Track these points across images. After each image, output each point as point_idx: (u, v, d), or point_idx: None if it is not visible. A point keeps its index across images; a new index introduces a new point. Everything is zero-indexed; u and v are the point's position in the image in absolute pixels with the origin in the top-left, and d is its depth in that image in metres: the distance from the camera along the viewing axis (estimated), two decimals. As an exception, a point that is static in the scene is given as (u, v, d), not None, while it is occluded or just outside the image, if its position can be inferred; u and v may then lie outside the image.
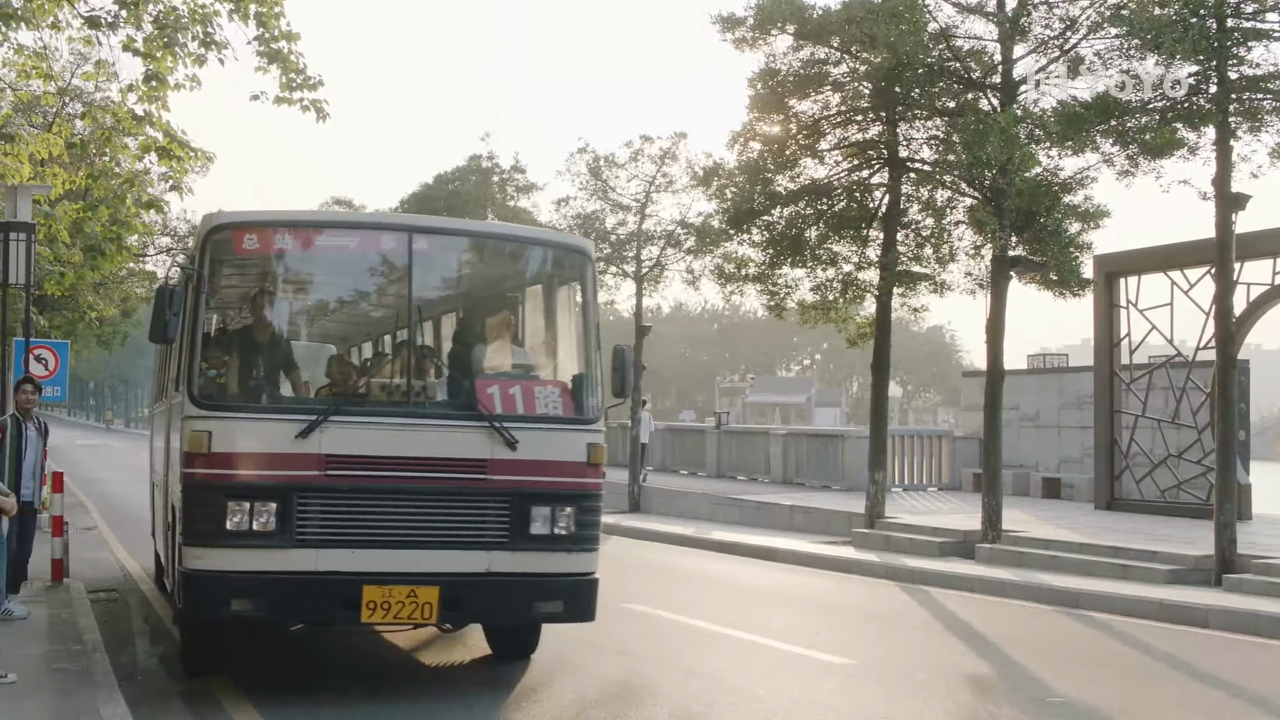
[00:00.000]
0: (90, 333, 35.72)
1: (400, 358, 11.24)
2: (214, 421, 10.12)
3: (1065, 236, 21.35)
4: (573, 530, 10.71)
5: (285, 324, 11.72)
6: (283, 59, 17.03)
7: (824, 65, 23.39)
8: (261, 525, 9.97)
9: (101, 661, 10.97)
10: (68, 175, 20.53)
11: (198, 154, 18.78)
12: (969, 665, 12.74)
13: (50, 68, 19.44)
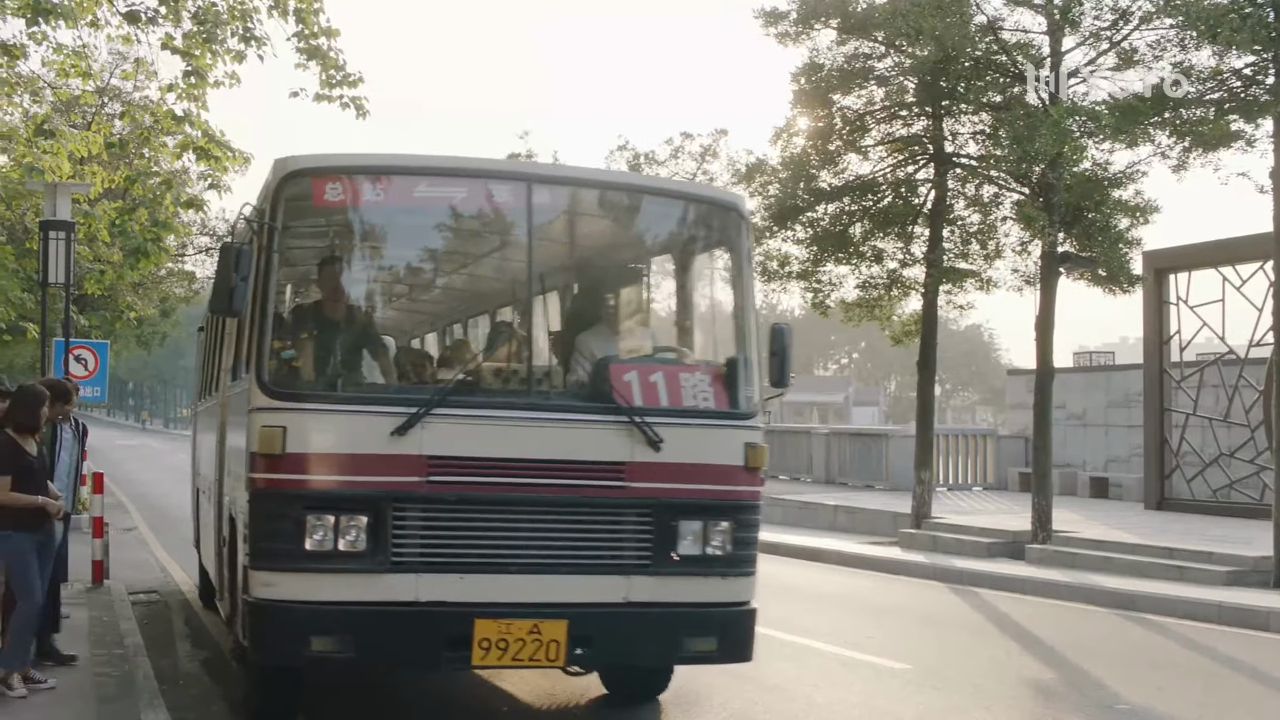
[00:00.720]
0: (129, 333, 35.63)
1: (517, 337, 9.51)
2: (290, 415, 8.30)
3: (1114, 232, 20.97)
4: (728, 550, 8.88)
5: (375, 294, 10.09)
6: (322, 55, 16.87)
7: (868, 60, 23.16)
8: (349, 544, 8.20)
9: (143, 665, 10.79)
10: (107, 174, 20.42)
11: (236, 154, 18.66)
12: (1030, 670, 12.43)
13: (89, 66, 19.32)
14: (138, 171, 19.97)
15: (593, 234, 10.16)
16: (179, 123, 17.09)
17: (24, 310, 24.09)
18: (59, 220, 16.54)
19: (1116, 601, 16.49)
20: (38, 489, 9.82)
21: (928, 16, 20.19)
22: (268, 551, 8.31)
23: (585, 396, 8.98)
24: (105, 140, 19.30)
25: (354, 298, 9.53)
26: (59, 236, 16.46)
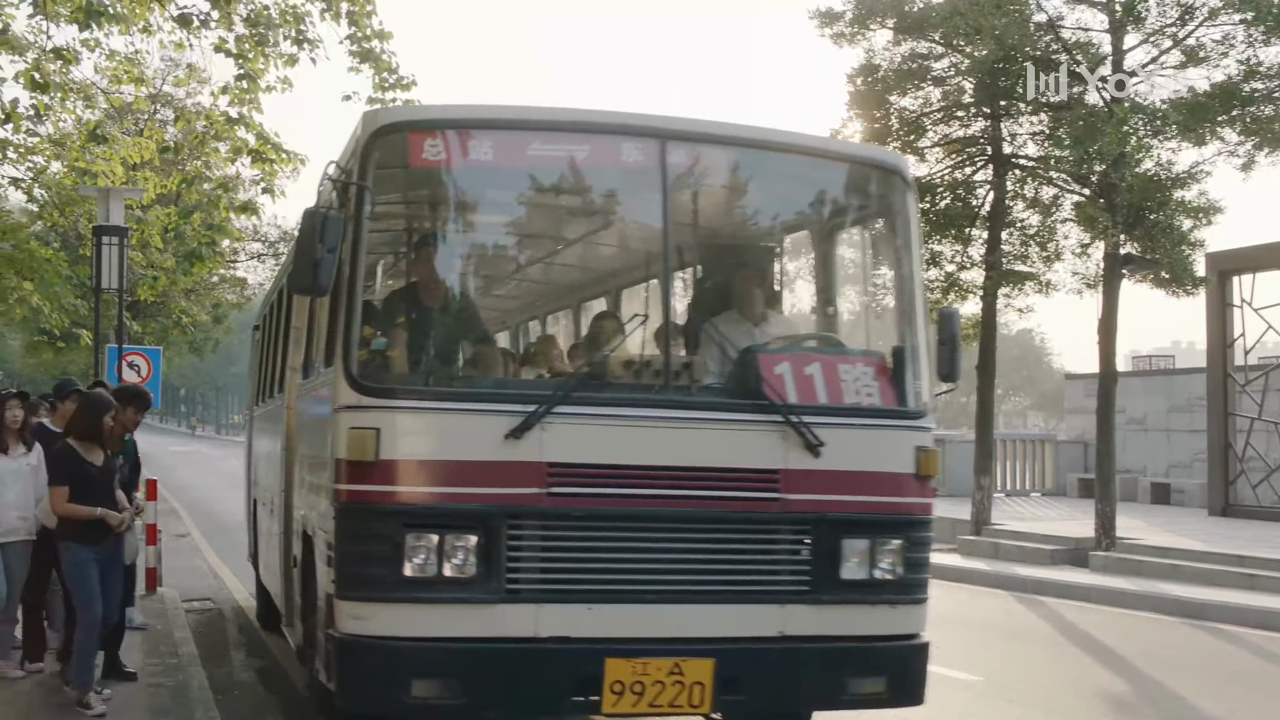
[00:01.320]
0: (182, 339, 35.77)
1: (650, 322, 8.05)
2: (384, 415, 7.00)
3: (1177, 233, 20.54)
4: (898, 573, 7.60)
5: (481, 272, 8.90)
6: (375, 58, 16.77)
7: (925, 60, 22.84)
8: (456, 569, 6.92)
9: (198, 676, 10.60)
10: (159, 179, 20.41)
11: (290, 156, 18.56)
12: (1103, 682, 12.08)
13: (142, 73, 19.30)
14: (191, 175, 19.93)
15: (736, 201, 8.76)
16: (232, 125, 17.01)
17: (77, 317, 24.14)
18: (112, 225, 16.46)
19: (1186, 610, 16.08)
20: (100, 500, 9.26)
21: (987, 15, 19.87)
22: (359, 578, 7.03)
23: (731, 392, 7.62)
24: (158, 145, 19.27)
25: (456, 276, 8.31)
26: (112, 242, 16.37)
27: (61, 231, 24.78)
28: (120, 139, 17.49)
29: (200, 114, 19.90)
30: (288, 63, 17.39)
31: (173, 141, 19.95)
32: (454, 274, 8.24)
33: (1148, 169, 20.37)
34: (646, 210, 7.94)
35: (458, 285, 8.32)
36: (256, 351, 15.45)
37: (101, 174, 17.08)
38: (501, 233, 8.66)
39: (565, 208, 8.61)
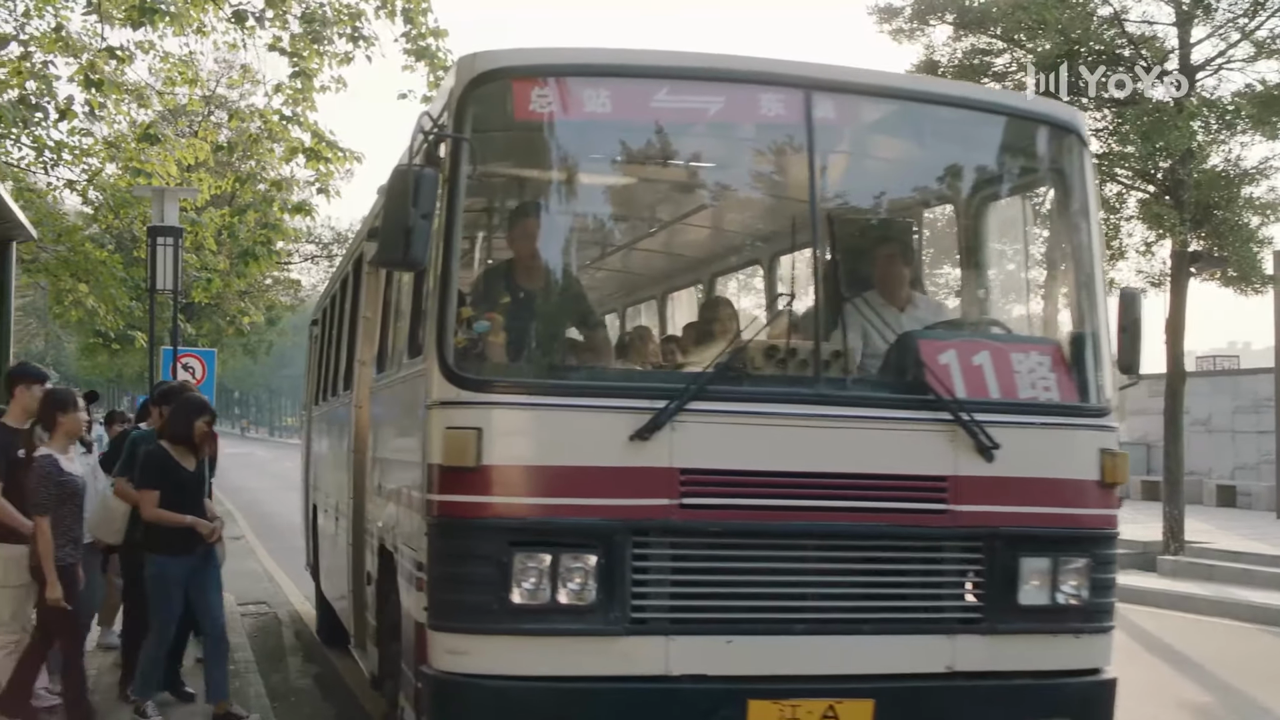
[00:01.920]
0: (236, 341, 35.79)
1: (794, 305, 6.79)
2: (487, 411, 5.96)
3: (1245, 230, 20.10)
4: (1084, 596, 6.51)
5: (596, 244, 7.82)
6: (430, 56, 16.63)
7: (985, 55, 22.45)
8: (573, 595, 5.89)
9: (254, 683, 10.40)
10: (214, 180, 20.34)
11: (346, 154, 18.44)
12: (1186, 692, 11.77)
13: (196, 73, 19.26)
14: (245, 175, 19.84)
15: (891, 161, 7.62)
16: (287, 123, 16.91)
17: (132, 319, 24.13)
18: (167, 226, 16.33)
19: (1263, 617, 15.65)
20: (190, 507, 8.83)
21: (1050, 8, 19.49)
22: (457, 606, 5.97)
23: (891, 386, 6.57)
24: (213, 145, 19.21)
25: (569, 249, 7.14)
26: (167, 243, 16.24)
27: (116, 234, 24.77)
28: (174, 140, 17.37)
29: (254, 114, 19.85)
30: (342, 61, 17.31)
31: (227, 141, 19.86)
32: (566, 247, 7.08)
33: (1215, 165, 19.95)
34: (791, 172, 6.85)
35: (571, 260, 7.17)
36: (315, 348, 14.80)
37: (156, 175, 16.99)
38: (620, 198, 7.55)
39: (694, 169, 7.49)
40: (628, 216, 7.86)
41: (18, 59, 15.25)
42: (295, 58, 16.90)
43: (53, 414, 8.34)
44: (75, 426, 8.48)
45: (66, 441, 8.37)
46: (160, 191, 16.60)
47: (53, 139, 18.71)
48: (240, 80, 20.45)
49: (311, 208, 19.80)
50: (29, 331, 55.98)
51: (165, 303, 20.37)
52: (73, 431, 8.46)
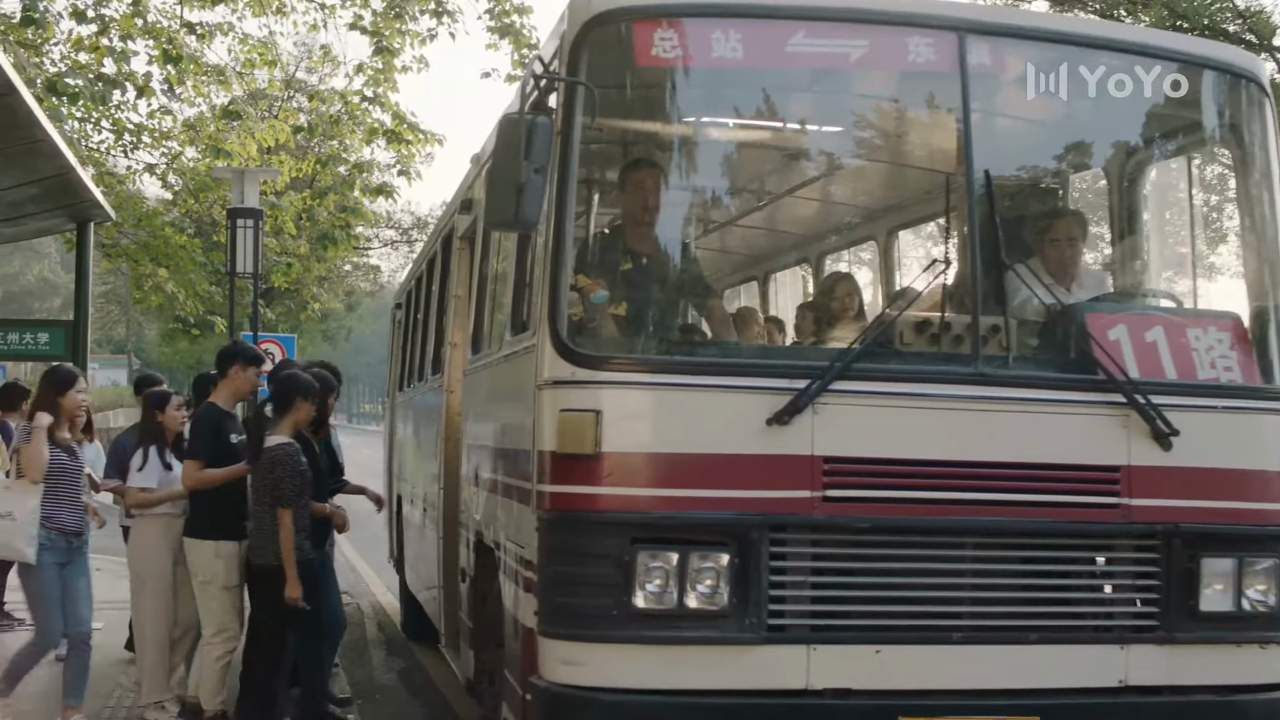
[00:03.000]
0: (314, 328, 35.58)
1: (948, 274, 5.89)
2: (608, 392, 5.36)
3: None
4: (1273, 603, 5.81)
5: (725, 206, 7.04)
6: (514, 33, 16.23)
7: (1085, 33, 21.66)
8: (703, 599, 5.26)
9: (340, 679, 9.94)
10: (294, 163, 19.99)
11: (427, 136, 18.04)
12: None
13: (275, 55, 18.94)
14: (325, 157, 19.49)
15: (1052, 113, 6.59)
16: (368, 104, 16.57)
17: (212, 304, 23.86)
18: (247, 208, 15.91)
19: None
20: (320, 496, 8.39)
21: (1158, -21, 18.73)
22: (572, 611, 5.35)
23: (1055, 364, 5.88)
24: (293, 126, 18.86)
25: (692, 211, 6.48)
26: (247, 225, 15.81)
27: (196, 218, 24.52)
28: (252, 115, 17.02)
29: (335, 96, 19.49)
30: (423, 41, 16.94)
31: (307, 123, 19.49)
32: (691, 209, 6.45)
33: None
34: (941, 126, 6.16)
35: (695, 225, 6.58)
36: (398, 333, 14.19)
37: (236, 154, 16.63)
38: (750, 156, 6.74)
39: (833, 123, 6.67)
40: (758, 177, 7.02)
41: (95, 34, 14.89)
42: (376, 35, 16.56)
43: (291, 400, 7.77)
44: (306, 416, 7.96)
45: (293, 429, 7.82)
46: (240, 173, 16.20)
47: (132, 122, 18.46)
48: (320, 62, 20.00)
49: (392, 189, 19.39)
50: (111, 318, 56.37)
51: (245, 287, 20.03)
52: (301, 421, 7.91)
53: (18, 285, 72.15)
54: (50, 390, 7.86)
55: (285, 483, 7.49)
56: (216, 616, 7.90)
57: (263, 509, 7.57)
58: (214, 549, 7.81)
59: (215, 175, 17.68)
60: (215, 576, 7.83)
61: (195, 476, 7.79)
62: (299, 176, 20.91)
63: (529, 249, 6.02)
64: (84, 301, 12.41)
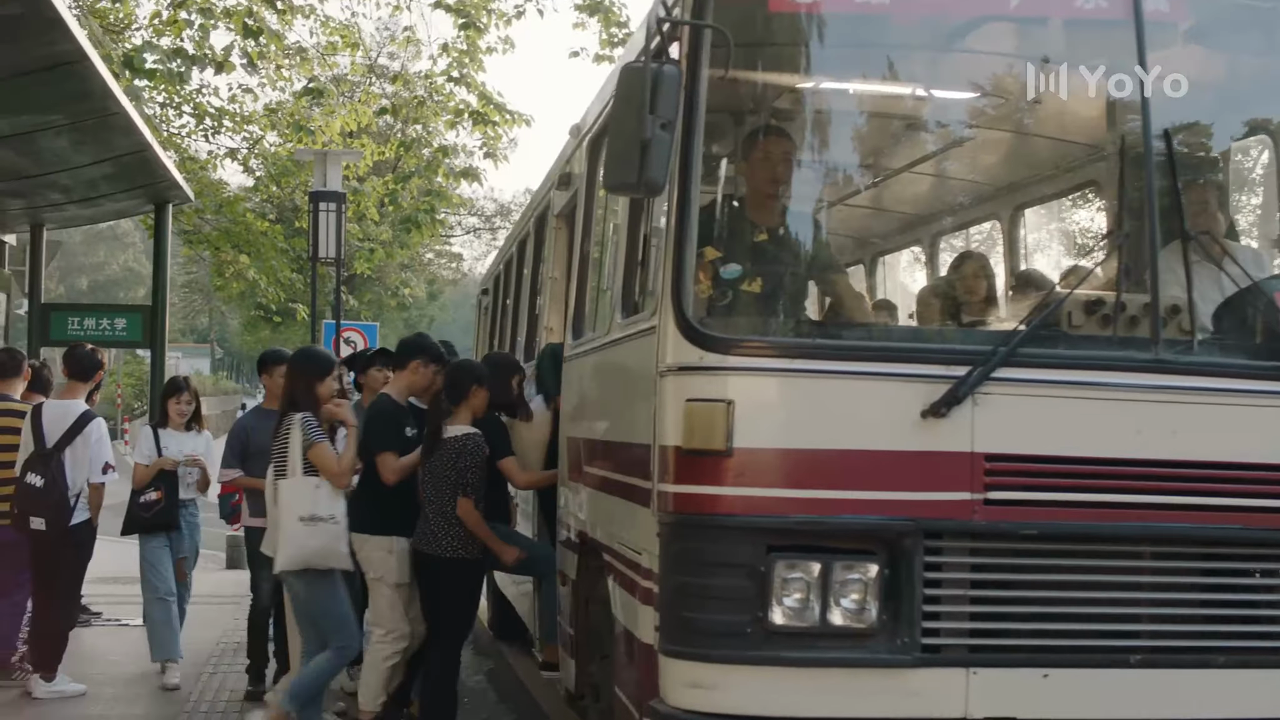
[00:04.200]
0: (398, 316, 35.30)
1: (1121, 250, 5.12)
2: (743, 380, 4.71)
3: None
4: None
5: (867, 170, 6.02)
6: (604, 10, 15.80)
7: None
8: (850, 614, 4.64)
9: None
10: (377, 147, 19.60)
11: (514, 117, 17.54)
12: None
13: (358, 37, 18.56)
14: (409, 140, 19.06)
15: (1234, 69, 5.83)
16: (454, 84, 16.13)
17: (293, 292, 23.55)
18: (329, 191, 15.47)
19: None
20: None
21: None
22: (700, 627, 4.69)
23: (1246, 350, 5.20)
24: (377, 108, 18.46)
25: (830, 177, 5.67)
26: (329, 208, 15.37)
27: (277, 204, 24.23)
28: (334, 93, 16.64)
29: (419, 78, 19.06)
30: (509, 21, 16.51)
31: (390, 103, 19.06)
32: (828, 175, 5.67)
33: None
34: (1113, 82, 5.34)
35: (832, 192, 5.75)
36: (484, 320, 13.62)
37: (319, 132, 16.22)
38: (897, 116, 5.89)
39: (988, 72, 5.85)
40: (901, 142, 6.14)
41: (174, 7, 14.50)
42: (461, 14, 16.12)
43: (466, 388, 7.29)
44: (482, 403, 7.43)
45: (471, 417, 7.33)
46: (323, 155, 15.77)
47: (213, 106, 18.13)
48: (404, 45, 19.58)
49: (478, 173, 18.90)
50: (194, 308, 56.66)
51: (326, 274, 19.67)
52: (478, 408, 7.39)
53: (103, 275, 72.82)
54: (308, 379, 7.32)
55: (470, 472, 7.07)
56: (386, 615, 7.43)
57: (441, 499, 7.12)
58: (387, 545, 7.35)
59: (297, 157, 17.31)
60: (387, 573, 7.37)
61: (396, 467, 7.30)
62: (382, 160, 20.52)
63: (642, 220, 5.46)
64: (162, 285, 11.99)
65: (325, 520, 7.04)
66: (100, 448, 8.66)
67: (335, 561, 7.14)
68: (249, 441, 8.55)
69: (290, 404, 7.23)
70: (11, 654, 8.95)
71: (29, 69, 7.36)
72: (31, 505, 8.43)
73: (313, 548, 7.05)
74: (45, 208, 11.27)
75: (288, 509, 7.06)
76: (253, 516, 8.67)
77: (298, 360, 7.56)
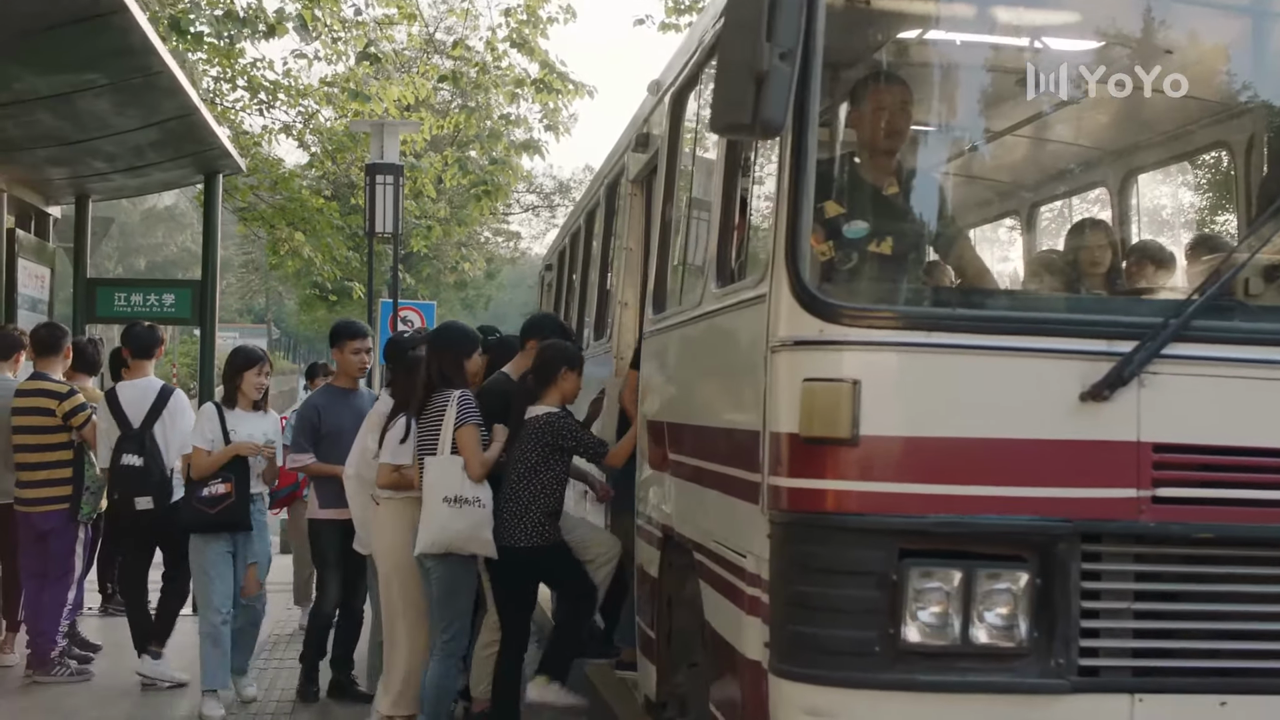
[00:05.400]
0: (455, 296, 34.83)
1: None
2: (871, 357, 4.05)
3: None
4: None
5: (994, 120, 5.20)
6: (671, -28, 15.28)
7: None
8: (996, 631, 3.97)
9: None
10: (435, 120, 19.06)
11: (576, 87, 16.96)
12: None
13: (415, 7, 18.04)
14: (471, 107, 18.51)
15: None
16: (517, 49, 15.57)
17: (349, 270, 23.09)
18: (386, 164, 14.90)
19: None
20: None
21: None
22: (819, 644, 4.02)
23: None
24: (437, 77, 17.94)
25: (960, 127, 4.94)
26: (386, 181, 14.80)
27: (333, 180, 23.77)
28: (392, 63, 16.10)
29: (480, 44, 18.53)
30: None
31: (450, 71, 18.51)
32: (959, 124, 4.91)
33: None
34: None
35: (959, 145, 5.00)
36: (548, 296, 12.92)
37: (375, 99, 15.67)
38: (1019, 53, 4.90)
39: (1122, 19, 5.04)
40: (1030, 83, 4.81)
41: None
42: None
43: (556, 370, 6.84)
44: (573, 388, 7.02)
45: (561, 401, 6.89)
46: (379, 126, 15.20)
47: (267, 80, 17.64)
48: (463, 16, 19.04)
49: (539, 145, 18.30)
50: (251, 288, 56.52)
51: (383, 251, 19.13)
52: (569, 393, 6.97)
53: (160, 255, 72.86)
54: (456, 355, 6.94)
55: (573, 437, 6.72)
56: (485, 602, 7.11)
57: (521, 485, 6.68)
58: None
59: (354, 129, 16.76)
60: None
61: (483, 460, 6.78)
62: (440, 134, 19.98)
63: (738, 177, 4.78)
64: (212, 260, 11.45)
65: (471, 503, 6.57)
66: (188, 421, 8.32)
67: (477, 548, 6.65)
68: (320, 423, 7.94)
69: (441, 381, 6.77)
70: (51, 649, 8.48)
71: (61, 20, 6.81)
72: (135, 486, 8.19)
73: (456, 530, 6.59)
74: (90, 177, 10.76)
75: (432, 488, 6.62)
76: (323, 508, 7.95)
77: (444, 337, 7.13)
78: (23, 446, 8.50)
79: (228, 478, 7.58)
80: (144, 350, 8.60)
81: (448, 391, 6.71)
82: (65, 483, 8.51)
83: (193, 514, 7.62)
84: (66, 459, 8.51)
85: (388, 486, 7.05)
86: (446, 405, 6.66)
